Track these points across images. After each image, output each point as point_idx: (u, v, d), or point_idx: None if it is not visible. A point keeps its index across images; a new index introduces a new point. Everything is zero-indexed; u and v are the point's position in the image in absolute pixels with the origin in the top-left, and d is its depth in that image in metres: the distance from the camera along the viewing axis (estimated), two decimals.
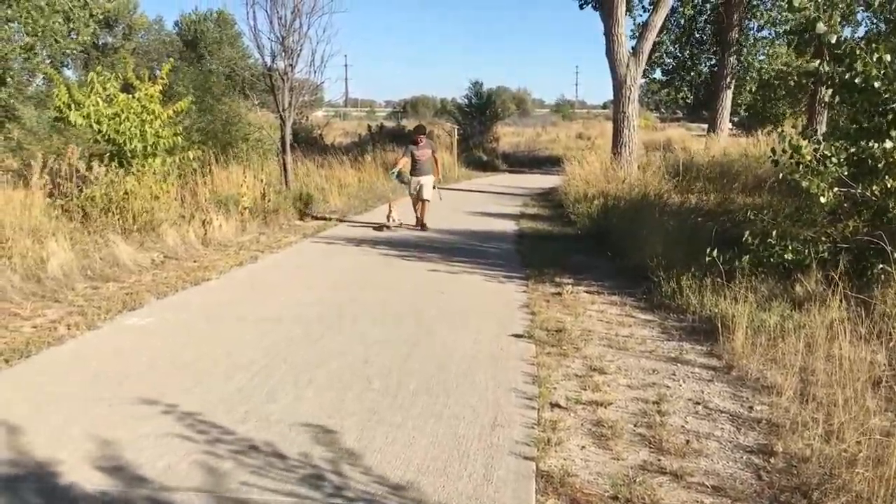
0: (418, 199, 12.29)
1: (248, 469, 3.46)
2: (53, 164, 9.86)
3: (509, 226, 13.48)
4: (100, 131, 9.88)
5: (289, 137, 15.26)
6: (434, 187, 12.39)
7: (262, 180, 13.01)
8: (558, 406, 4.34)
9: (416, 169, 12.27)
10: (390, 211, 12.35)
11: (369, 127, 31.00)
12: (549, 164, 30.93)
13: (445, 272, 8.60)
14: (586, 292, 7.47)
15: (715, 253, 6.50)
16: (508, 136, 39.25)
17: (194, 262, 9.00)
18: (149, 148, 10.18)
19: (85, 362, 5.05)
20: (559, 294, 7.32)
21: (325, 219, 13.90)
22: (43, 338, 5.55)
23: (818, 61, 6.33)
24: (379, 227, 12.20)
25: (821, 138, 6.45)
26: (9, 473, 3.39)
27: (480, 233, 12.28)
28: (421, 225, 12.28)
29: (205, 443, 3.75)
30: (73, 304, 6.70)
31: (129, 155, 10.06)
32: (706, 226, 8.95)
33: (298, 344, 5.51)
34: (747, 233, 6.61)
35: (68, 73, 20.60)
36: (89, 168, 9.34)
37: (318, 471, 3.46)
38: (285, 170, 15.24)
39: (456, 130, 27.24)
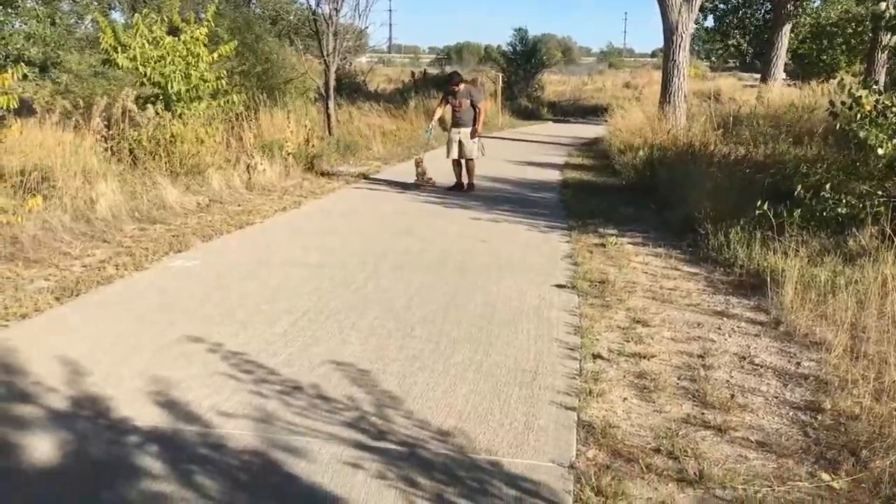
0: (459, 159, 10.85)
1: (293, 410, 3.49)
2: (105, 107, 9.94)
3: (553, 175, 13.36)
4: (145, 74, 9.91)
5: (332, 83, 15.21)
6: (474, 139, 10.79)
7: (305, 126, 12.99)
8: (600, 357, 4.31)
9: (453, 120, 10.89)
10: (419, 166, 11.14)
11: (413, 73, 30.78)
12: (595, 113, 30.50)
13: (488, 220, 8.56)
14: (630, 244, 7.38)
15: (765, 206, 6.36)
16: (553, 84, 38.75)
17: (239, 206, 9.06)
18: (192, 91, 10.19)
19: (133, 303, 5.14)
20: (603, 245, 7.24)
21: (367, 165, 13.91)
22: (92, 277, 5.64)
23: (885, 3, 6.08)
24: (419, 183, 11.04)
25: (882, 88, 6.22)
26: (64, 409, 3.46)
27: (524, 182, 12.20)
28: (469, 185, 10.98)
29: (251, 383, 3.79)
30: (121, 244, 6.79)
31: (173, 98, 10.08)
32: (755, 178, 8.76)
33: (341, 290, 5.54)
34: (799, 186, 6.43)
35: (116, 15, 20.63)
36: (143, 109, 9.39)
37: (361, 414, 3.48)
38: (328, 116, 15.24)
39: (501, 78, 26.85)
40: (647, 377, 4.03)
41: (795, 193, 6.41)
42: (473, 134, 10.66)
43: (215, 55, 10.52)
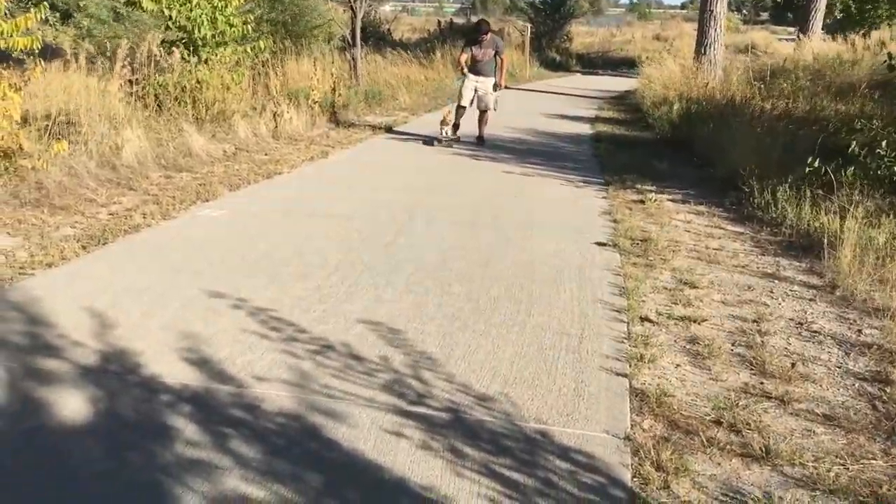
0: (477, 108, 10.28)
1: (327, 370, 3.32)
2: (129, 51, 9.72)
3: (584, 129, 13.03)
4: (170, 17, 9.63)
5: (359, 31, 14.87)
6: (496, 92, 10.16)
7: (332, 74, 12.71)
8: (648, 320, 4.10)
9: (474, 69, 10.17)
10: (447, 120, 10.26)
11: (439, 23, 30.26)
12: (625, 66, 29.83)
13: (520, 174, 8.31)
14: (670, 201, 7.12)
15: (816, 163, 6.08)
16: (581, 35, 37.93)
17: (265, 154, 8.86)
18: (219, 36, 9.91)
19: (160, 253, 4.97)
20: (642, 202, 6.98)
21: (394, 116, 13.63)
22: (119, 225, 5.48)
23: None
24: (441, 139, 10.22)
25: None
26: (92, 364, 3.31)
27: (554, 134, 11.89)
28: (479, 138, 10.50)
29: (282, 341, 3.63)
30: (147, 192, 6.63)
31: (199, 43, 9.82)
32: (798, 134, 8.42)
33: (372, 243, 5.34)
34: (853, 143, 6.13)
35: None
36: (170, 53, 9.14)
37: (399, 376, 3.31)
38: (355, 65, 14.91)
39: (529, 29, 26.26)
40: (700, 342, 3.82)
41: (849, 150, 6.12)
42: (496, 87, 10.13)
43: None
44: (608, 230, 5.98)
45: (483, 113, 10.33)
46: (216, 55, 10.03)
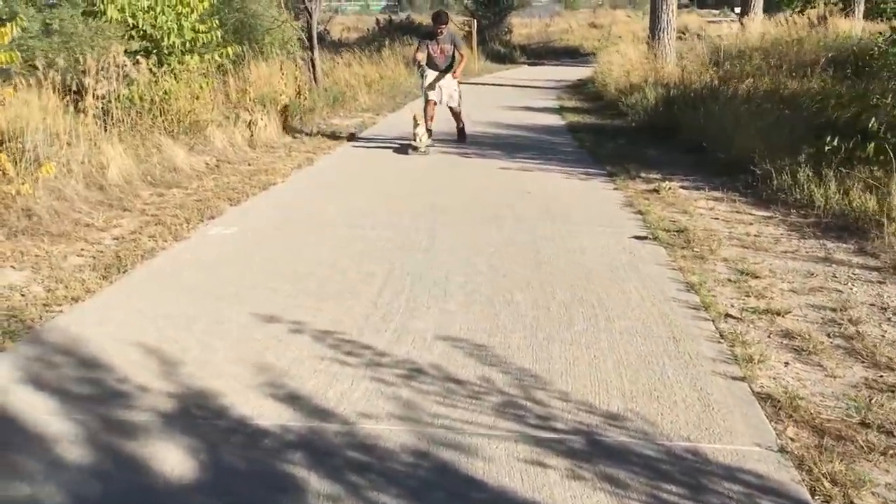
0: (444, 105, 9.59)
1: (431, 398, 3.06)
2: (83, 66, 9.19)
3: (554, 120, 12.91)
4: (135, 26, 9.15)
5: (316, 31, 14.48)
6: (456, 80, 9.41)
7: (296, 77, 12.32)
8: (731, 316, 3.93)
9: (433, 68, 9.35)
10: (417, 125, 9.09)
11: (377, 21, 29.93)
12: (568, 55, 29.95)
13: (517, 170, 8.10)
14: (682, 188, 7.00)
15: (835, 142, 6.02)
16: (518, 27, 37.90)
17: (248, 165, 8.47)
18: (189, 44, 9.46)
19: (187, 277, 4.61)
20: (655, 191, 6.85)
21: (359, 117, 13.30)
22: (131, 251, 5.08)
23: None
24: (423, 146, 9.06)
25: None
26: (174, 410, 2.98)
27: (529, 127, 11.71)
28: (459, 134, 9.92)
29: (366, 367, 3.34)
30: (144, 212, 6.21)
31: (165, 52, 9.35)
32: (783, 114, 8.39)
33: (409, 252, 5.06)
34: (873, 119, 6.07)
35: None
36: (136, 64, 8.65)
37: (511, 398, 3.06)
38: (314, 67, 14.50)
39: (474, 24, 26.07)
40: (795, 337, 3.66)
41: (869, 127, 6.06)
42: (454, 73, 9.33)
43: (207, 2, 9.74)
44: (637, 222, 5.82)
45: (452, 110, 9.75)
46: (182, 63, 9.58)
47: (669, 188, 6.85)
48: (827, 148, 6.14)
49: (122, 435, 2.79)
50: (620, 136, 10.38)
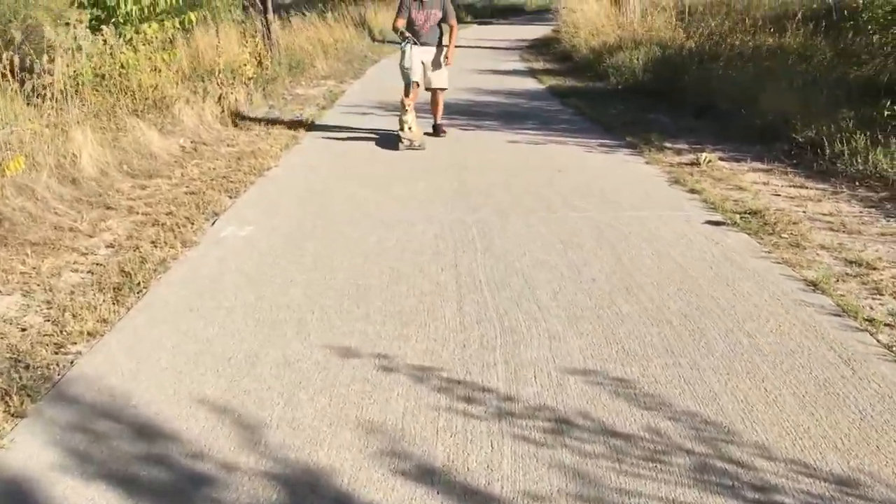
0: (425, 88, 7.72)
1: (600, 462, 2.43)
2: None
3: (533, 84, 12.34)
4: None
5: None
6: (446, 63, 7.62)
7: (257, 45, 11.38)
8: (884, 323, 3.38)
9: (418, 37, 7.48)
10: (406, 110, 7.19)
11: None
12: (514, 13, 29.32)
13: (528, 143, 7.48)
14: (721, 160, 6.44)
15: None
16: None
17: (229, 146, 7.63)
18: (147, 10, 8.46)
19: (221, 296, 3.83)
20: (694, 164, 6.29)
21: (322, 86, 12.47)
22: (135, 263, 4.25)
23: None
24: (408, 138, 7.23)
25: None
26: (281, 497, 2.28)
27: (512, 92, 11.10)
28: (435, 127, 7.97)
29: (498, 419, 2.69)
30: (133, 210, 5.38)
31: (121, 20, 8.35)
32: (811, 74, 7.94)
33: (467, 254, 4.38)
34: None
35: None
36: (96, 32, 7.64)
37: (701, 459, 2.45)
38: (268, 32, 13.48)
39: None
40: None
41: None
42: (446, 57, 7.57)
43: None
44: (697, 203, 5.28)
45: (435, 94, 7.88)
46: (139, 33, 8.59)
47: (709, 161, 6.29)
48: (887, 114, 5.68)
49: None
50: (614, 101, 9.84)
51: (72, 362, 3.20)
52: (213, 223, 5.07)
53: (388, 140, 7.38)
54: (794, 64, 8.63)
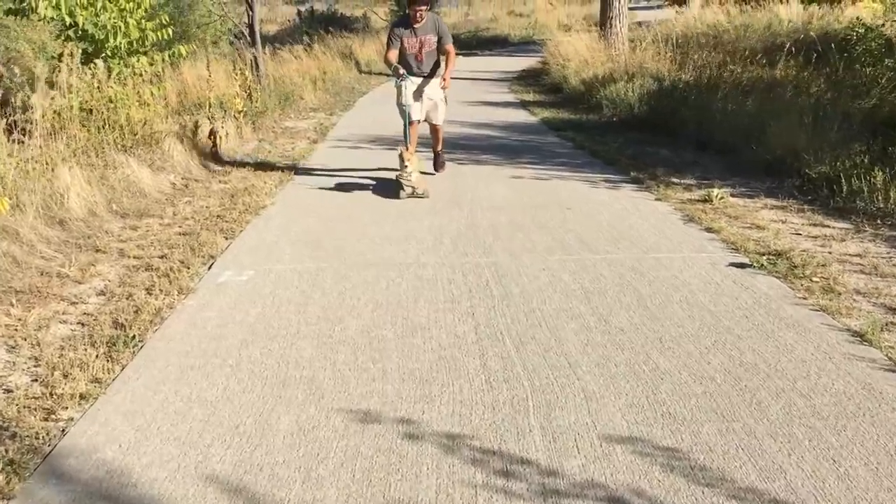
0: (426, 122, 7.19)
1: None
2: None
3: (525, 116, 12.13)
4: (73, 25, 7.85)
5: (258, 25, 13.27)
6: (443, 90, 6.93)
7: (246, 77, 11.15)
8: None
9: (412, 69, 6.88)
10: (405, 164, 6.43)
11: (299, 12, 28.74)
12: (498, 45, 29.21)
13: (530, 178, 7.25)
14: (732, 196, 6.24)
15: None
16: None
17: (220, 182, 7.36)
18: (136, 44, 8.21)
19: (225, 352, 3.54)
20: (705, 201, 6.08)
21: (312, 119, 12.25)
22: (130, 313, 3.97)
23: None
24: (410, 185, 6.49)
25: None
26: None
27: (505, 125, 10.88)
28: (435, 155, 7.62)
29: (536, 497, 2.43)
30: (124, 253, 5.08)
31: (109, 54, 8.09)
32: (821, 106, 7.78)
33: (484, 300, 4.12)
34: None
35: None
36: (86, 65, 7.37)
37: None
38: (257, 65, 13.26)
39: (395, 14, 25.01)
40: None
41: None
42: (443, 79, 6.83)
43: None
44: (717, 244, 5.05)
45: (436, 127, 7.38)
46: (128, 66, 8.33)
47: (721, 197, 6.09)
48: None
49: None
50: (610, 133, 9.65)
51: (63, 430, 2.90)
52: (210, 267, 4.78)
53: (387, 183, 6.95)
54: (793, 97, 8.50)
